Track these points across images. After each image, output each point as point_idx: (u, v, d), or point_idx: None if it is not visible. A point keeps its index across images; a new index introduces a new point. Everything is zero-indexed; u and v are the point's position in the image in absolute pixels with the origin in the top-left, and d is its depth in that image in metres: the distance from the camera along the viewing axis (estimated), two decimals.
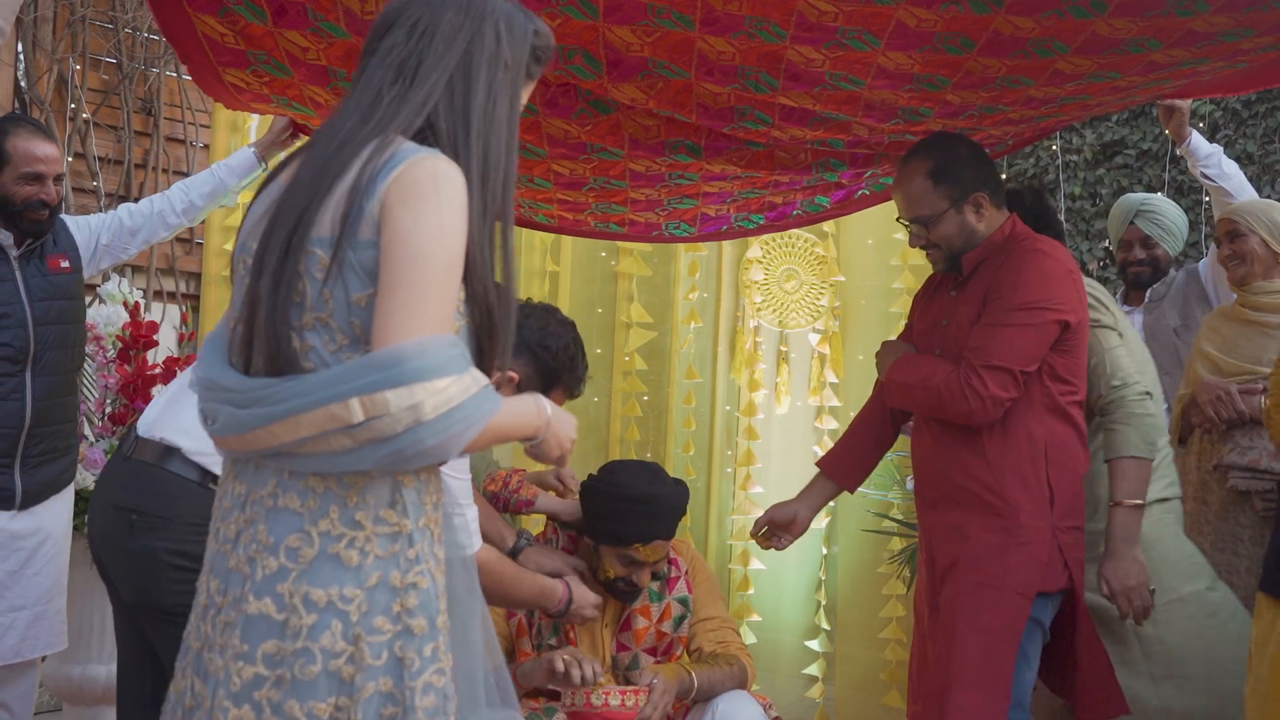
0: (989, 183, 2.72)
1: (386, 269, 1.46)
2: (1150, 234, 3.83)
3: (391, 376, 1.41)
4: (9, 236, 2.98)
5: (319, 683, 1.46)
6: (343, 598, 1.47)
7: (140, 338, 3.76)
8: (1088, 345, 2.67)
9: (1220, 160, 3.62)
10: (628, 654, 2.70)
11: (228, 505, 1.58)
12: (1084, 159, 6.78)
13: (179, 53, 2.81)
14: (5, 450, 2.95)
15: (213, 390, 1.55)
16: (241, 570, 1.51)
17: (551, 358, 2.49)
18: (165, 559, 2.10)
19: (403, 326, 1.44)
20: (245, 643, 1.47)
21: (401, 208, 1.47)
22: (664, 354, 4.95)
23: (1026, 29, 2.48)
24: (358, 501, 1.50)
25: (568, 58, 2.66)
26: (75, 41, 4.56)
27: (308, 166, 1.54)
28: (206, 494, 2.12)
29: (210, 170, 3.42)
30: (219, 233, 4.51)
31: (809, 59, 2.62)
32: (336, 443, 1.43)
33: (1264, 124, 5.79)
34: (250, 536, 1.51)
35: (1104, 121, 6.54)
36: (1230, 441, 3.09)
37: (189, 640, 1.60)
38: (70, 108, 4.50)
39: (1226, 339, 3.23)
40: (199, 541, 2.04)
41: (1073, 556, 2.56)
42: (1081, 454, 2.63)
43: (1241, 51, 2.67)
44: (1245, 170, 5.82)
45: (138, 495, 2.15)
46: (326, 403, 1.42)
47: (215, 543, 1.58)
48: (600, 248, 4.92)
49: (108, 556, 2.20)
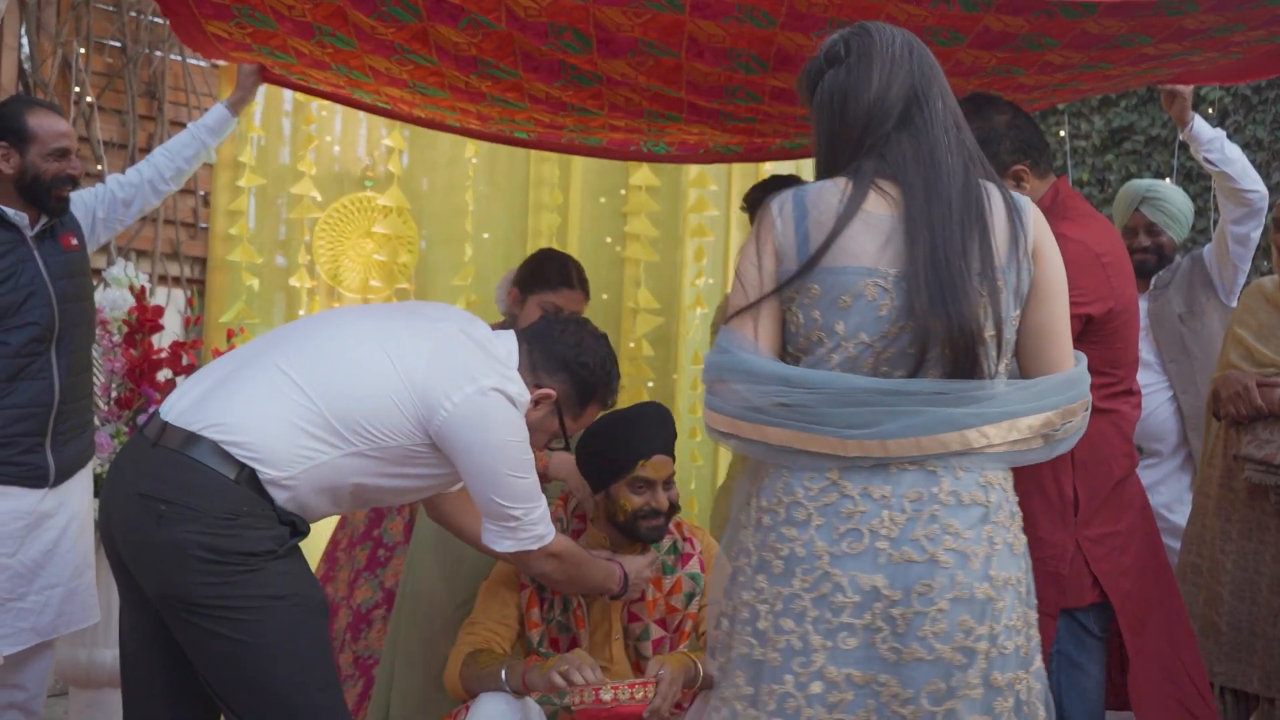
0: (1030, 150, 2.51)
1: (1048, 298, 1.85)
2: (1155, 221, 3.80)
3: (1079, 392, 1.83)
4: (24, 217, 2.98)
5: (1011, 658, 1.73)
6: (1016, 580, 1.75)
7: (146, 322, 3.75)
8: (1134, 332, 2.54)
9: (1223, 145, 3.59)
10: (639, 624, 2.69)
11: (863, 509, 1.71)
12: (1092, 145, 6.75)
13: (162, 8, 2.81)
14: (37, 429, 2.96)
15: (885, 395, 1.71)
16: (938, 560, 1.69)
17: (589, 374, 2.40)
18: (194, 552, 2.05)
19: (1067, 350, 1.86)
20: (949, 623, 1.69)
21: (1048, 241, 1.87)
22: (671, 340, 4.94)
23: (1016, 26, 2.48)
24: (1014, 494, 1.81)
25: (558, 34, 2.65)
26: (79, 25, 4.54)
27: (941, 201, 1.77)
28: (239, 490, 2.08)
29: (189, 131, 3.42)
30: (224, 217, 4.51)
31: (800, 45, 2.61)
32: (1036, 443, 1.78)
33: (1273, 110, 5.76)
34: (936, 531, 1.71)
35: (1112, 107, 6.51)
36: (1250, 433, 3.06)
37: (801, 638, 1.71)
38: (74, 91, 4.49)
39: (1264, 325, 3.17)
40: (229, 536, 2.07)
41: (1105, 569, 2.42)
42: (1120, 452, 2.49)
43: (1234, 44, 2.66)
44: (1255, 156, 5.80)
45: (167, 485, 2.09)
46: (1046, 410, 1.77)
47: (858, 544, 1.71)
48: (606, 234, 4.91)
49: (129, 545, 2.13)
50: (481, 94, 3.08)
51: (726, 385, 1.77)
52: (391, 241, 4.52)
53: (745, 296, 1.82)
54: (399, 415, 2.16)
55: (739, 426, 1.77)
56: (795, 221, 1.80)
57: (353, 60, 2.99)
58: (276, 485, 2.11)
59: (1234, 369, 3.16)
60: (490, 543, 2.31)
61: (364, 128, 4.82)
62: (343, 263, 4.61)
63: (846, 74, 1.87)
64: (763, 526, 1.77)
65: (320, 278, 4.60)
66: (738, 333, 1.80)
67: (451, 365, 2.20)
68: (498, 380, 2.21)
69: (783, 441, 1.73)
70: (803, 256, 1.77)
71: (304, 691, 2.13)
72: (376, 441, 2.17)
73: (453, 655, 2.61)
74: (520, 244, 4.78)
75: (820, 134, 1.91)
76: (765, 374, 1.75)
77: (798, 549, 1.72)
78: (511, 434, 2.23)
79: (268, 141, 4.60)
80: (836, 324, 1.75)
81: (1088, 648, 2.47)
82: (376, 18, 2.69)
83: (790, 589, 1.72)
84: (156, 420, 2.19)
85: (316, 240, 4.56)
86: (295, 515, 2.16)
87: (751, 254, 1.83)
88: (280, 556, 2.13)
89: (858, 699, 1.69)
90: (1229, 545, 3.09)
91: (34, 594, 2.99)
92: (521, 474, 2.25)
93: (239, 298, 4.43)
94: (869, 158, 1.83)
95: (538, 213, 4.83)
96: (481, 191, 4.73)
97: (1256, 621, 3.00)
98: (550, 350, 2.36)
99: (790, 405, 1.72)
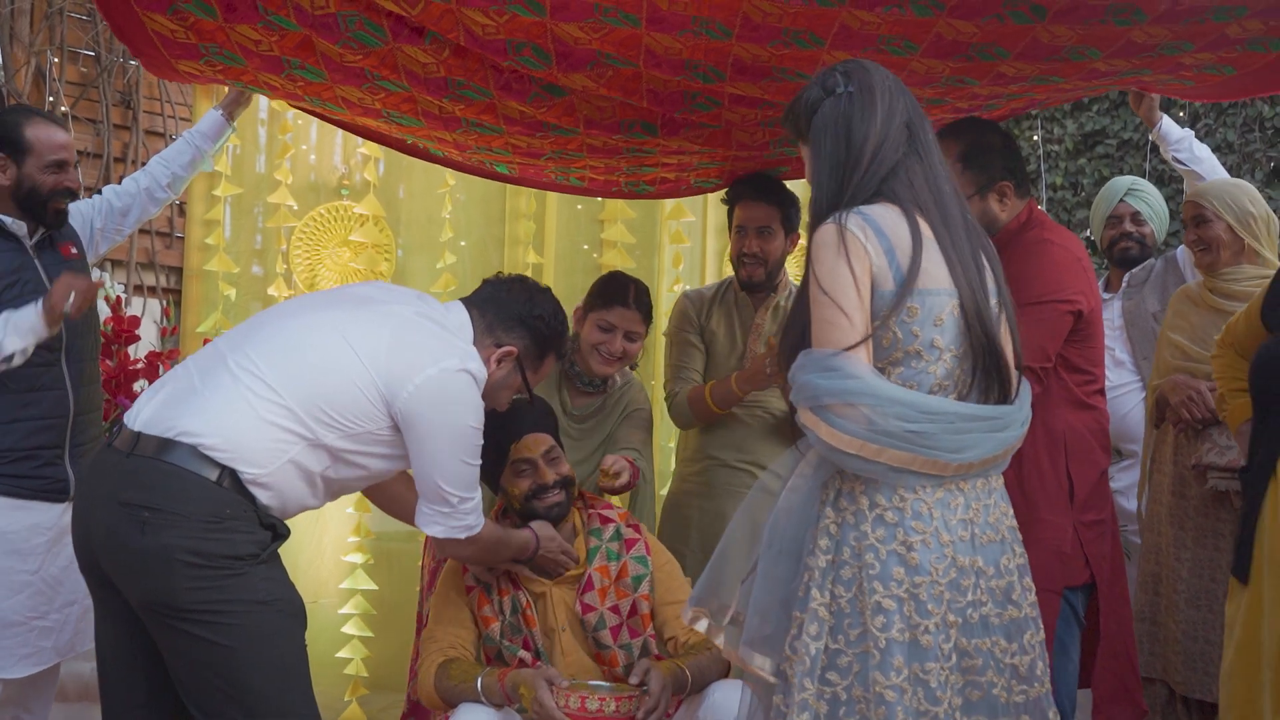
0: (1016, 172, 2.70)
1: None
2: (1140, 210, 3.85)
3: None
4: (23, 226, 2.94)
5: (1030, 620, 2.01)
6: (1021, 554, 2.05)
7: (122, 332, 3.74)
8: (1102, 331, 2.67)
9: (1192, 144, 3.63)
10: (594, 613, 2.69)
11: (951, 517, 1.95)
12: (1065, 149, 6.80)
13: (131, 49, 2.82)
14: (55, 441, 2.93)
15: (974, 421, 1.94)
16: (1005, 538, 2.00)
17: (545, 325, 2.50)
18: (180, 557, 2.07)
19: None
20: (1021, 586, 2.01)
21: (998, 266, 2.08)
22: (649, 346, 4.93)
23: (968, 33, 2.50)
24: None
25: (517, 50, 2.67)
26: (53, 34, 4.52)
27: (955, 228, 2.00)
28: (222, 492, 2.11)
29: (185, 139, 3.42)
30: (200, 226, 4.49)
31: (755, 55, 2.64)
32: None
33: (1244, 113, 5.83)
34: (998, 516, 2.00)
35: (1085, 112, 6.57)
36: (1208, 441, 3.06)
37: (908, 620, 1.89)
38: (48, 101, 4.47)
39: (1195, 326, 3.20)
40: (215, 539, 2.10)
41: (1094, 551, 2.55)
42: (1101, 445, 2.62)
43: (1183, 66, 2.71)
44: (1226, 159, 5.85)
45: (150, 492, 2.10)
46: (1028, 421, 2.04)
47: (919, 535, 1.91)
48: (583, 240, 4.92)
49: (112, 555, 2.13)
50: (456, 119, 3.09)
51: (854, 409, 1.87)
52: (368, 250, 4.52)
53: (851, 322, 1.91)
54: (364, 400, 2.23)
55: (863, 448, 1.87)
56: (883, 246, 1.94)
57: (325, 93, 3.00)
58: (257, 484, 2.16)
59: (1175, 374, 3.16)
60: (422, 524, 2.39)
61: (340, 136, 4.80)
62: (320, 271, 4.60)
63: (849, 103, 2.00)
64: (887, 523, 1.91)
65: (297, 286, 4.58)
66: (858, 359, 1.91)
67: (413, 348, 2.27)
68: (459, 360, 2.28)
69: (901, 463, 1.88)
70: (898, 278, 1.93)
71: (282, 697, 2.15)
72: (345, 428, 2.23)
73: (422, 668, 2.62)
74: (498, 251, 4.79)
75: (822, 161, 2.03)
76: (891, 398, 1.88)
77: (928, 539, 1.91)
78: (470, 417, 2.30)
79: (243, 150, 4.59)
80: (936, 339, 1.95)
81: (1073, 631, 2.58)
82: (343, 44, 2.71)
83: (930, 577, 1.90)
84: (125, 430, 2.20)
85: (293, 249, 4.55)
86: (275, 518, 2.20)
87: (848, 279, 1.92)
88: (263, 561, 2.16)
89: (984, 663, 1.92)
90: (1184, 554, 3.10)
91: (55, 612, 2.95)
92: (469, 459, 2.32)
93: (215, 307, 4.41)
94: (890, 184, 1.98)
95: (515, 220, 4.83)
96: (459, 199, 4.72)
97: (1213, 630, 2.99)
98: (504, 309, 2.47)
99: (916, 431, 1.87)
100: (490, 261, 4.63)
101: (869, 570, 1.90)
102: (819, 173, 2.04)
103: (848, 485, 1.95)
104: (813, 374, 1.90)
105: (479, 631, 2.69)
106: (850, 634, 1.89)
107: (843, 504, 1.95)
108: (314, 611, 2.67)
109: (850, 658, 1.89)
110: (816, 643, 1.90)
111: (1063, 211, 6.74)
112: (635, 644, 2.70)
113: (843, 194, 1.99)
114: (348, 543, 4.27)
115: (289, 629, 2.19)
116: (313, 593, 4.28)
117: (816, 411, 1.90)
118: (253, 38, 2.70)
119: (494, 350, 2.42)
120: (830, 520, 1.95)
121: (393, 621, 4.23)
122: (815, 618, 1.91)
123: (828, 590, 1.92)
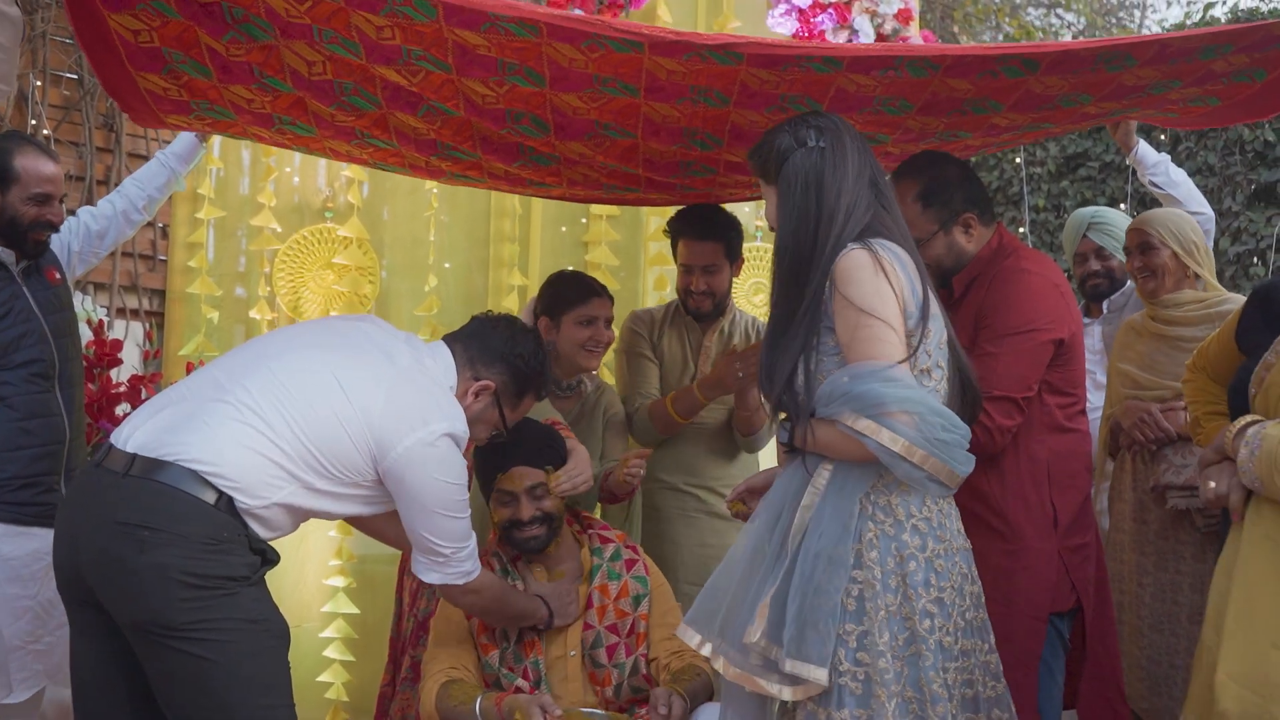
0: (979, 202, 2.68)
1: None
2: (1104, 245, 3.83)
3: None
4: (10, 254, 2.95)
5: None
6: None
7: (105, 356, 3.73)
8: (1083, 354, 2.67)
9: (1168, 168, 3.65)
10: (591, 631, 2.70)
11: (953, 526, 2.14)
12: (1047, 171, 6.83)
13: (120, 104, 2.81)
14: (51, 467, 2.94)
15: (968, 439, 2.08)
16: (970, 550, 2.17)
17: (524, 364, 2.56)
18: (177, 576, 2.10)
19: None
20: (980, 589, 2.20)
21: None
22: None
23: (962, 90, 2.52)
24: None
25: (515, 119, 2.72)
26: (36, 58, 4.53)
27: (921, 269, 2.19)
28: (219, 515, 2.16)
29: (158, 160, 3.44)
30: (183, 249, 4.48)
31: (752, 120, 2.66)
32: None
33: (1224, 136, 5.86)
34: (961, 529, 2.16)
35: (1067, 134, 6.60)
36: (1164, 462, 3.08)
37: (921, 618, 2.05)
38: (31, 124, 4.47)
39: (1142, 355, 3.22)
40: (211, 560, 2.14)
41: (1079, 576, 2.55)
42: (1084, 468, 2.63)
43: (1170, 102, 2.74)
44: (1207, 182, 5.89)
45: (149, 512, 2.13)
46: None
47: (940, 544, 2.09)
48: (568, 262, 4.92)
49: (103, 574, 2.14)
50: (442, 171, 3.18)
51: (910, 416, 1.99)
52: (352, 273, 4.51)
53: (899, 336, 2.06)
54: (355, 454, 2.30)
55: (913, 452, 2.00)
56: (903, 270, 2.11)
57: (313, 144, 3.05)
58: (251, 514, 2.21)
59: (1127, 401, 3.19)
60: (419, 572, 2.46)
61: (323, 159, 4.81)
62: (303, 294, 4.59)
63: (821, 158, 2.15)
64: (920, 532, 2.07)
65: (281, 309, 4.57)
66: (908, 372, 2.05)
67: (405, 407, 2.34)
68: (446, 424, 2.35)
69: (934, 471, 2.02)
70: (917, 301, 2.11)
71: (267, 715, 2.20)
72: (334, 476, 2.30)
73: (425, 688, 2.64)
74: (482, 273, 4.78)
75: (791, 209, 2.16)
76: (935, 410, 2.02)
77: (949, 547, 2.09)
78: (451, 476, 2.37)
79: (227, 173, 4.58)
80: (940, 361, 2.14)
81: (1059, 656, 2.58)
82: (336, 107, 2.74)
83: (950, 582, 2.07)
84: (116, 451, 2.22)
85: (276, 272, 4.54)
86: (265, 545, 2.26)
87: (890, 296, 2.07)
88: (254, 584, 2.22)
89: (973, 662, 2.10)
90: (1146, 579, 3.11)
91: (48, 635, 2.96)
92: (455, 514, 2.39)
93: (198, 330, 4.39)
94: (872, 230, 2.13)
95: (499, 242, 4.83)
96: (443, 221, 4.72)
97: (1176, 654, 3.01)
98: (486, 345, 2.54)
99: (947, 443, 2.02)
100: (475, 284, 4.63)
101: (913, 577, 2.04)
102: (788, 219, 2.16)
103: (883, 498, 2.07)
104: (874, 384, 2.00)
105: (478, 656, 2.69)
106: (899, 639, 2.02)
107: (879, 516, 2.07)
108: (296, 636, 2.66)
109: (902, 662, 2.01)
110: (888, 652, 2.01)
111: (1045, 234, 6.77)
112: (627, 663, 2.70)
113: (821, 245, 2.12)
114: (329, 566, 4.25)
115: (275, 648, 2.25)
116: (296, 617, 4.25)
117: (878, 419, 1.99)
118: (245, 96, 2.73)
119: (472, 383, 2.49)
120: (872, 533, 2.06)
121: (374, 645, 4.20)
122: (884, 627, 2.02)
123: (883, 599, 2.03)
